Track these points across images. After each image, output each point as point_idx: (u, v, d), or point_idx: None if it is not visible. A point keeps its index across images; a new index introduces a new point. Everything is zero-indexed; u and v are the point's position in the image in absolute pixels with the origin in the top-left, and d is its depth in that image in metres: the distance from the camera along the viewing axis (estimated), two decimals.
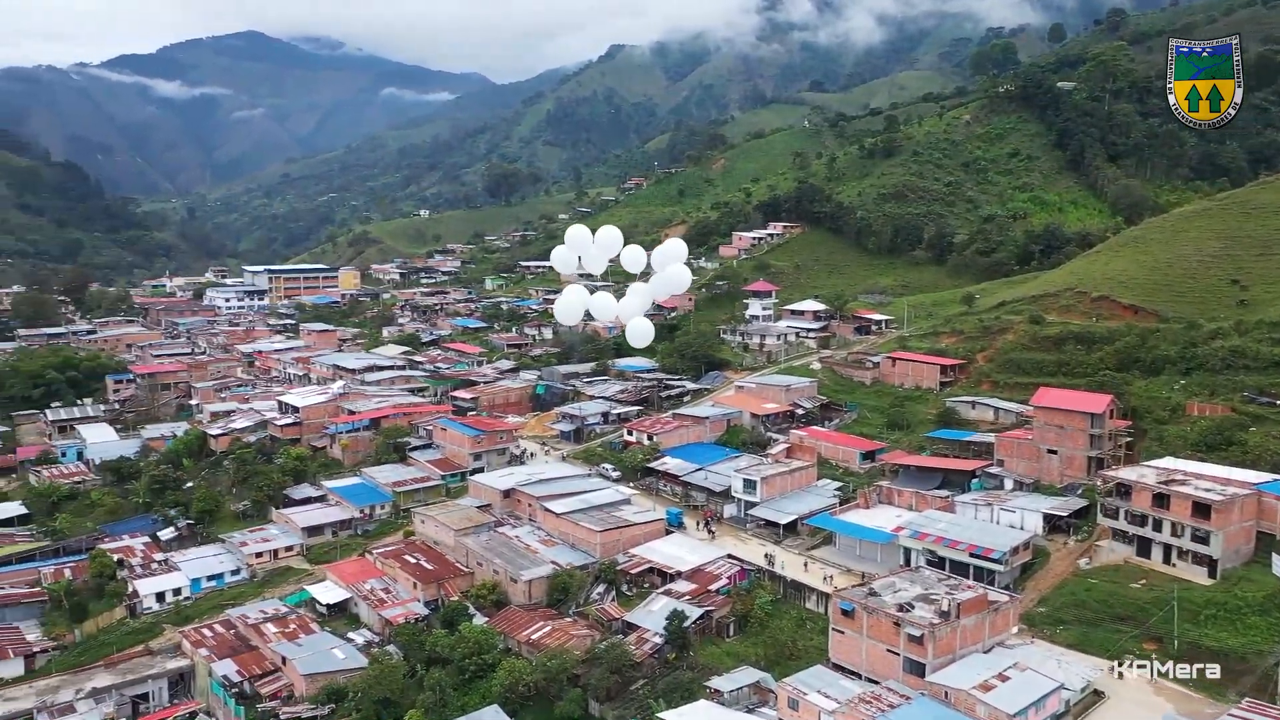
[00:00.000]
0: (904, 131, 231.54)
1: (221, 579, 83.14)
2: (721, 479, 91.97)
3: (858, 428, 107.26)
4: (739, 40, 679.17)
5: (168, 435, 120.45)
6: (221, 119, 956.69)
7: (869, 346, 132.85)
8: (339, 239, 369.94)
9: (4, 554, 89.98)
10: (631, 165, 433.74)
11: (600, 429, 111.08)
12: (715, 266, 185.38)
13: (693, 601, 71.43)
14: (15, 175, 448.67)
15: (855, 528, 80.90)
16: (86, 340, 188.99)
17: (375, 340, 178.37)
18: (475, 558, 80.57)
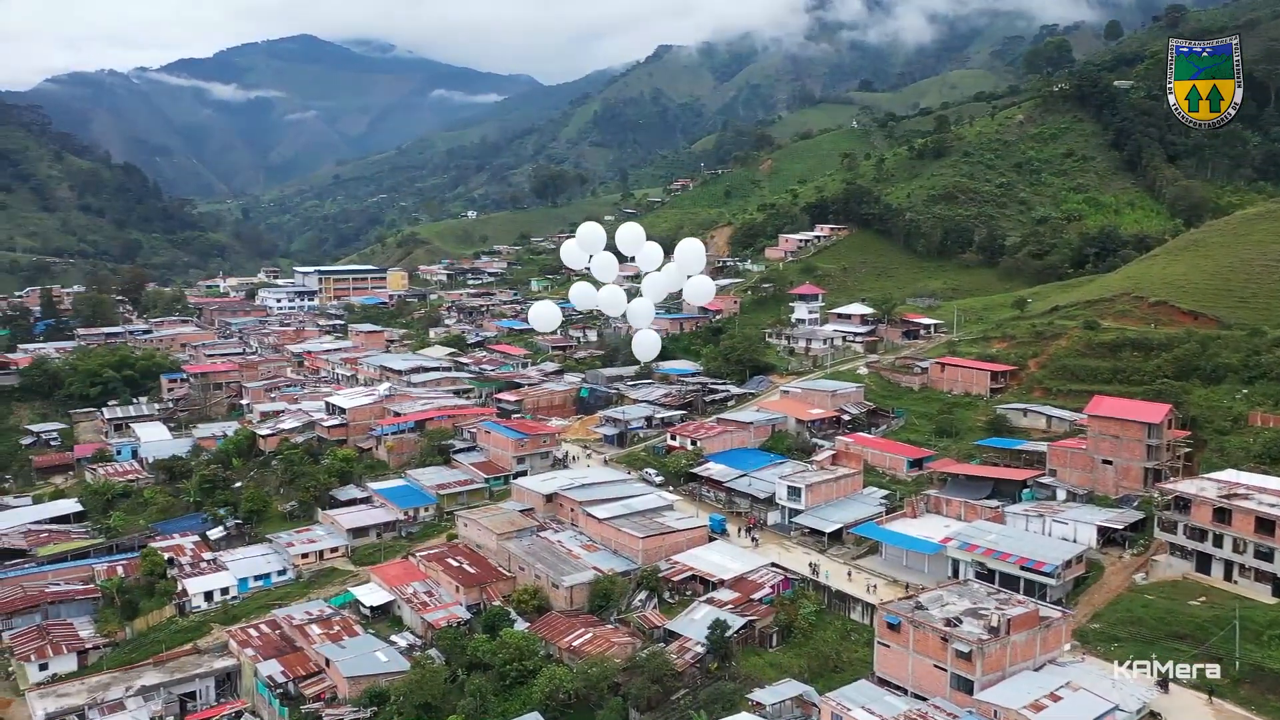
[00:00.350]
0: (955, 132, 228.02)
1: (268, 579, 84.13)
2: (765, 485, 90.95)
3: (905, 434, 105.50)
4: (787, 40, 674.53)
5: (218, 435, 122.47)
6: (275, 121, 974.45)
7: (917, 351, 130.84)
8: (388, 240, 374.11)
9: (60, 551, 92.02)
10: (678, 166, 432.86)
11: (644, 433, 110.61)
12: (761, 269, 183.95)
13: (735, 610, 70.68)
14: (77, 177, 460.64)
15: (902, 537, 79.46)
16: (143, 340, 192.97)
17: (422, 341, 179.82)
18: (517, 562, 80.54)
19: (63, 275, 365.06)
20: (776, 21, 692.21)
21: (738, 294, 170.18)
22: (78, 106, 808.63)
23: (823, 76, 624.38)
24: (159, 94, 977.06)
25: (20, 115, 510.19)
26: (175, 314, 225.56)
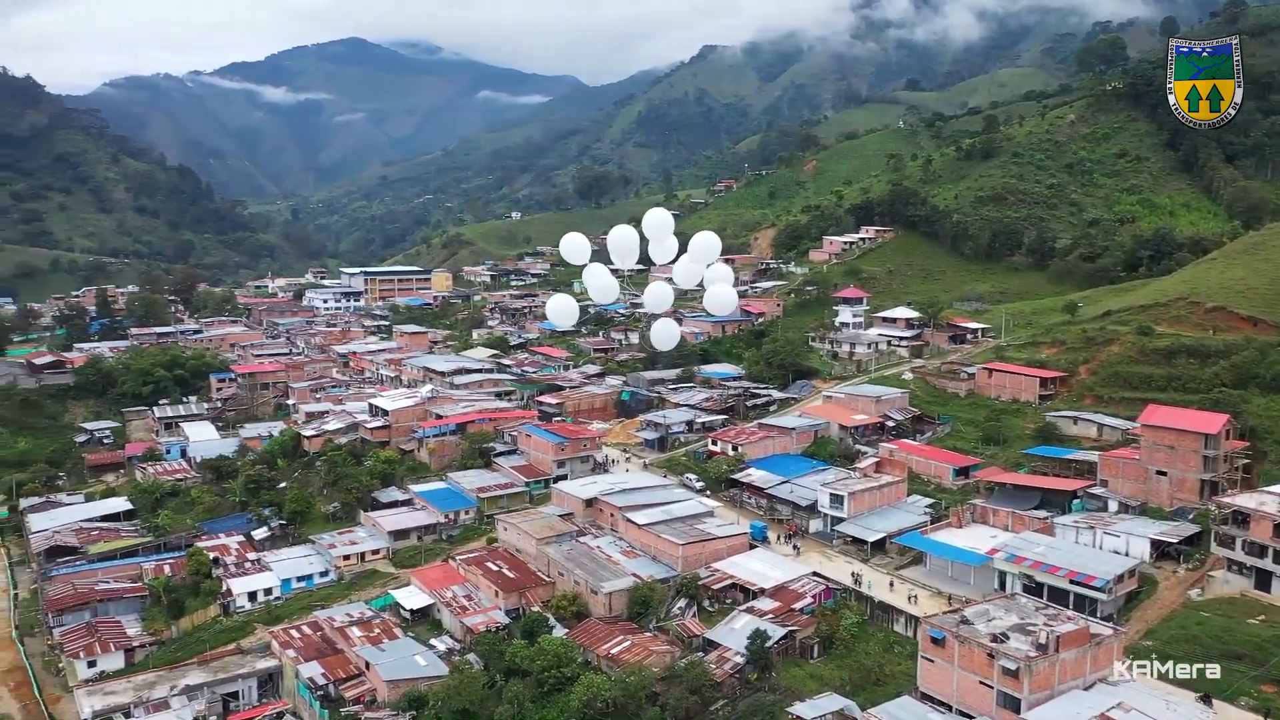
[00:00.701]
0: (1004, 132, 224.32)
1: (311, 580, 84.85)
2: (807, 493, 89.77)
3: (951, 442, 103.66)
4: (833, 39, 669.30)
5: (264, 435, 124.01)
6: (325, 123, 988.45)
7: (964, 356, 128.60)
8: (433, 240, 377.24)
9: (110, 549, 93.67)
10: (722, 166, 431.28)
11: (684, 438, 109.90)
12: (804, 271, 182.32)
13: (776, 620, 69.70)
14: (133, 179, 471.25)
15: (947, 548, 77.86)
16: (193, 340, 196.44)
17: (465, 343, 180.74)
18: (556, 567, 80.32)
19: (118, 275, 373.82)
20: (822, 20, 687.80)
21: (781, 296, 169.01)
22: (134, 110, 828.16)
23: (869, 76, 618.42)
24: (212, 97, 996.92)
25: (79, 119, 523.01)
26: (225, 314, 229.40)
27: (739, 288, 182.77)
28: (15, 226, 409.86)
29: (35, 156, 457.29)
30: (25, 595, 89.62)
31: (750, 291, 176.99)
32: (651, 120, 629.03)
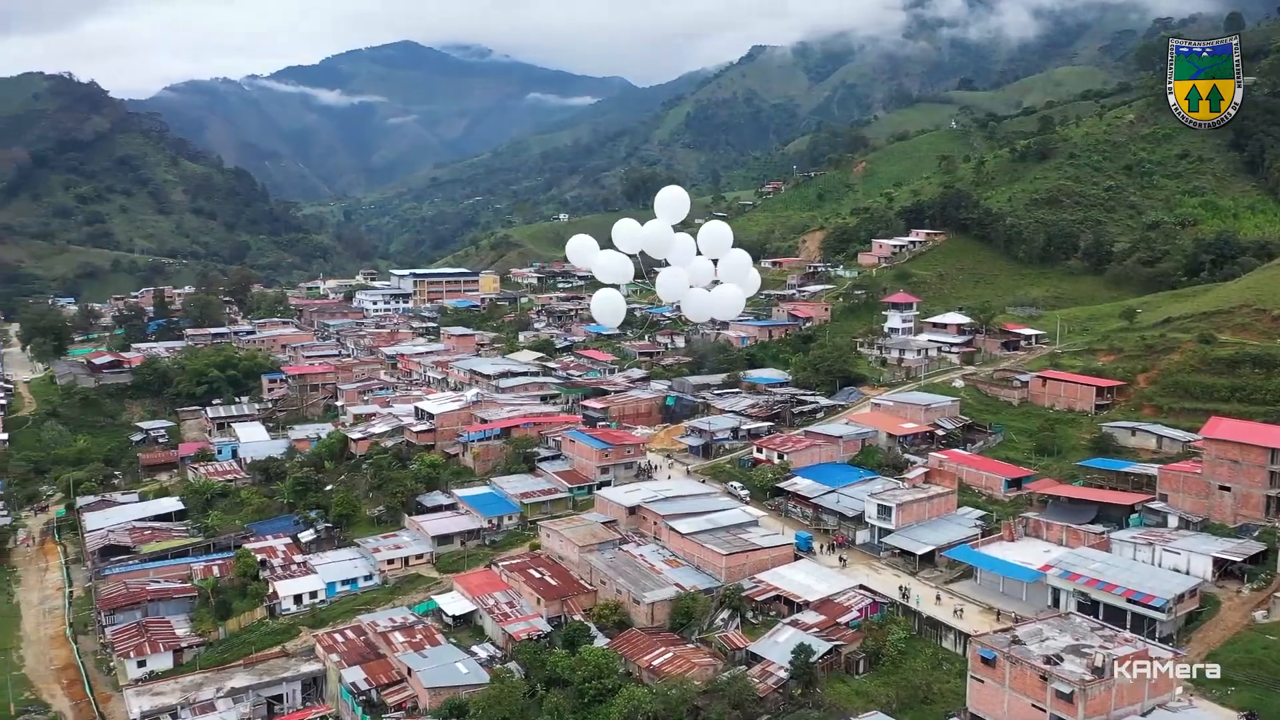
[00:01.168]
0: (1060, 132, 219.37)
1: (355, 584, 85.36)
2: (854, 503, 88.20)
3: (1003, 452, 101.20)
4: (884, 39, 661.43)
5: (312, 437, 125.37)
6: (377, 125, 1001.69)
7: (1017, 363, 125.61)
8: (481, 242, 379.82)
9: (161, 549, 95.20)
10: (770, 168, 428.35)
11: (729, 444, 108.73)
12: (853, 275, 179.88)
13: (820, 634, 68.42)
14: (191, 181, 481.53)
15: (998, 562, 75.84)
16: (246, 340, 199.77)
17: (511, 345, 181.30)
18: (599, 576, 79.81)
19: (176, 276, 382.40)
20: (873, 20, 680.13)
21: (829, 301, 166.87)
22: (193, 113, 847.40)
23: (920, 75, 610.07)
24: (268, 100, 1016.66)
25: (141, 123, 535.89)
26: (277, 315, 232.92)
27: (786, 291, 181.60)
28: (79, 228, 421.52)
29: (98, 160, 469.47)
30: (80, 594, 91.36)
31: (798, 295, 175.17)
32: (700, 121, 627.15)
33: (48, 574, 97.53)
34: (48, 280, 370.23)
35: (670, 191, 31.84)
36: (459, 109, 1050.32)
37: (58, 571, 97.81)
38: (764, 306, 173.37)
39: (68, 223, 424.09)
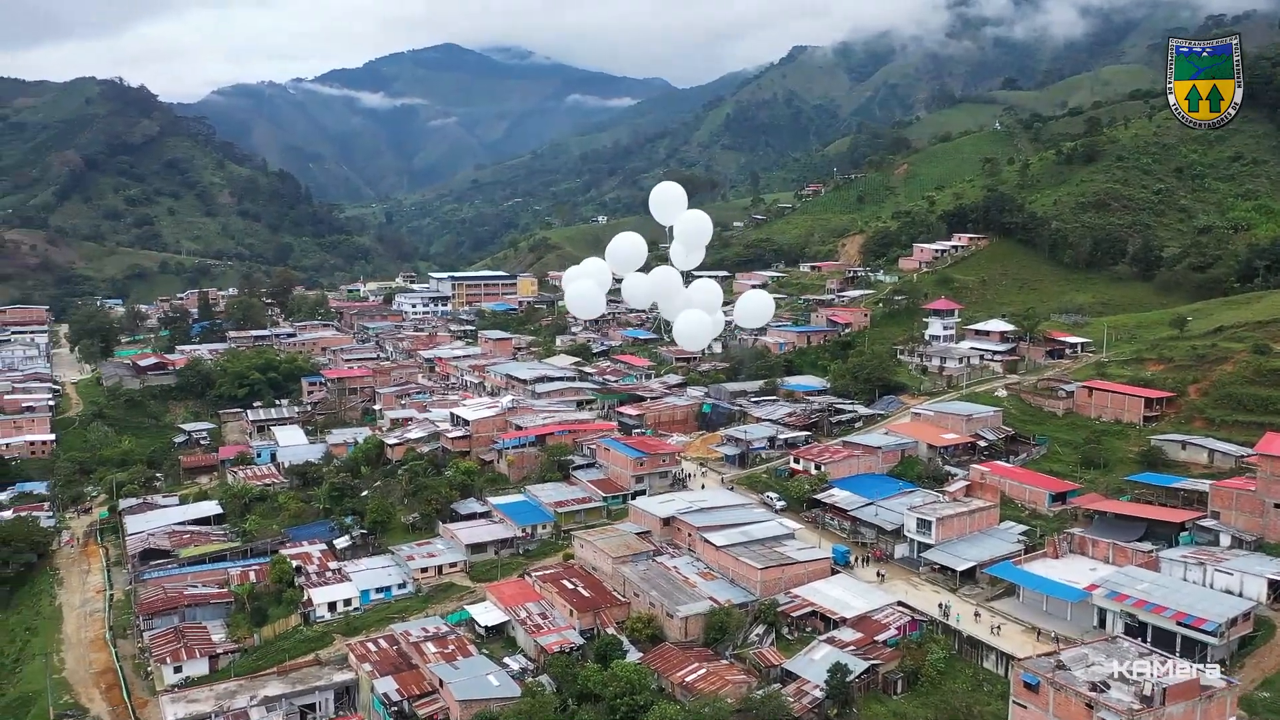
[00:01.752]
0: (1107, 134, 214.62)
1: (389, 592, 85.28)
2: (893, 516, 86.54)
3: (1047, 464, 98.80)
4: (927, 38, 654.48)
5: (349, 441, 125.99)
6: (419, 127, 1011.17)
7: (1062, 372, 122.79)
8: (520, 244, 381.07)
9: (199, 553, 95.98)
10: (810, 169, 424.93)
11: (766, 454, 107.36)
12: (894, 280, 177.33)
13: (857, 652, 67.02)
14: (237, 184, 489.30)
15: (1042, 581, 73.74)
16: (287, 343, 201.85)
17: (548, 349, 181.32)
18: (632, 588, 78.98)
19: (221, 276, 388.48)
20: (916, 19, 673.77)
21: (868, 306, 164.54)
22: (240, 116, 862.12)
23: (964, 75, 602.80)
24: (313, 103, 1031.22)
25: (189, 127, 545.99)
26: (318, 318, 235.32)
27: (825, 296, 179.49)
28: (128, 230, 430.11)
29: (147, 163, 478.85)
30: (120, 597, 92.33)
31: (836, 301, 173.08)
32: (740, 122, 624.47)
33: (89, 576, 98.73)
34: (98, 281, 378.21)
35: (694, 216, 29.02)
36: (499, 111, 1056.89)
37: (99, 574, 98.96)
38: (802, 312, 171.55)
39: (118, 224, 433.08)
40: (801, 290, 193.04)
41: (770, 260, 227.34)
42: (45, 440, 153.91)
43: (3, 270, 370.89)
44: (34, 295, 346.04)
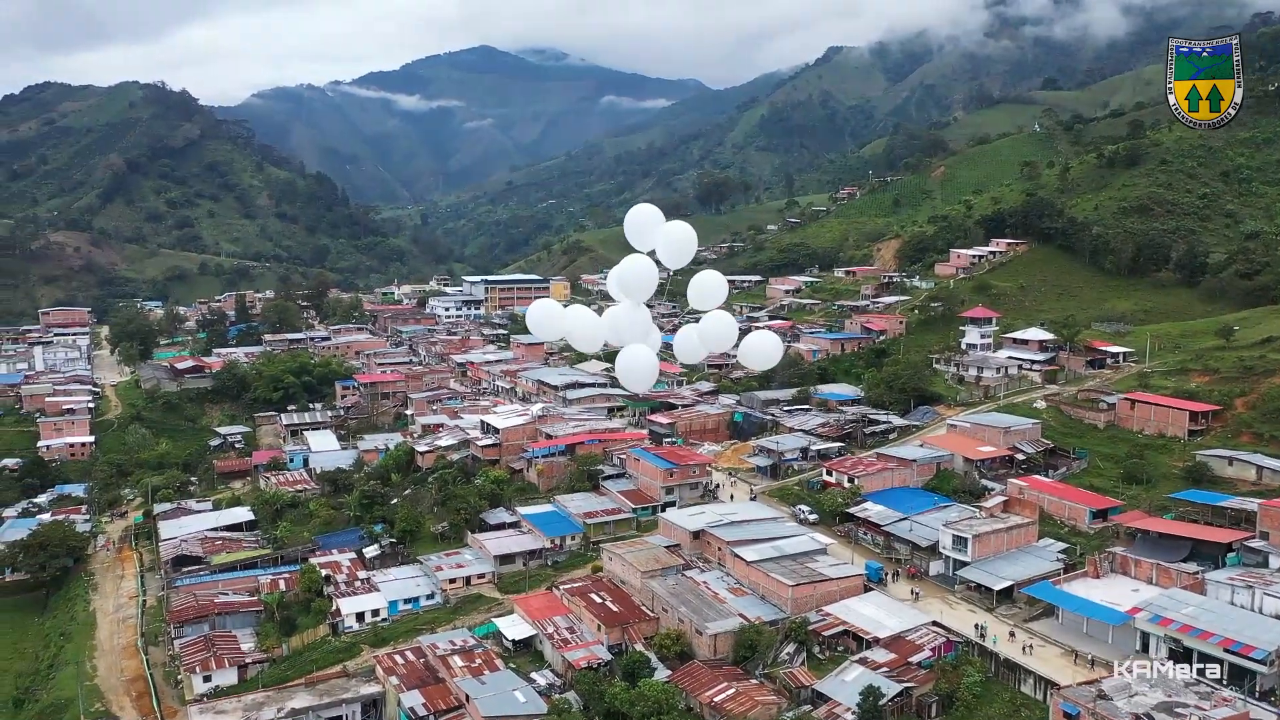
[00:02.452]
0: (1150, 136, 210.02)
1: (417, 602, 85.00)
2: (928, 532, 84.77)
3: (1087, 479, 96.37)
4: (964, 38, 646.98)
5: (380, 447, 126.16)
6: (455, 129, 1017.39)
7: (1103, 383, 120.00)
8: (553, 247, 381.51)
9: (231, 560, 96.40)
10: (845, 171, 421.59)
11: (798, 465, 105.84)
12: (930, 286, 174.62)
13: (890, 674, 65.54)
14: (275, 186, 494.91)
15: (1082, 602, 71.69)
16: (321, 346, 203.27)
17: (580, 355, 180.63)
18: (661, 603, 77.98)
19: (259, 278, 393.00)
20: (953, 19, 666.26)
21: (904, 313, 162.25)
22: (279, 119, 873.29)
23: (1002, 75, 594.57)
24: (350, 105, 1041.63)
25: (229, 130, 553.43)
26: (352, 321, 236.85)
27: (860, 302, 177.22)
28: (170, 232, 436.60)
29: (188, 166, 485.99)
30: (152, 603, 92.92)
31: (871, 307, 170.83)
32: (774, 124, 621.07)
33: (123, 581, 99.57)
34: (139, 282, 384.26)
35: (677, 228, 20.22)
36: (534, 112, 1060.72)
37: (133, 579, 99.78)
38: (836, 319, 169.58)
39: (159, 226, 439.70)
40: (835, 295, 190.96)
41: (804, 264, 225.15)
42: (84, 442, 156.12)
43: (49, 272, 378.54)
44: (78, 296, 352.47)
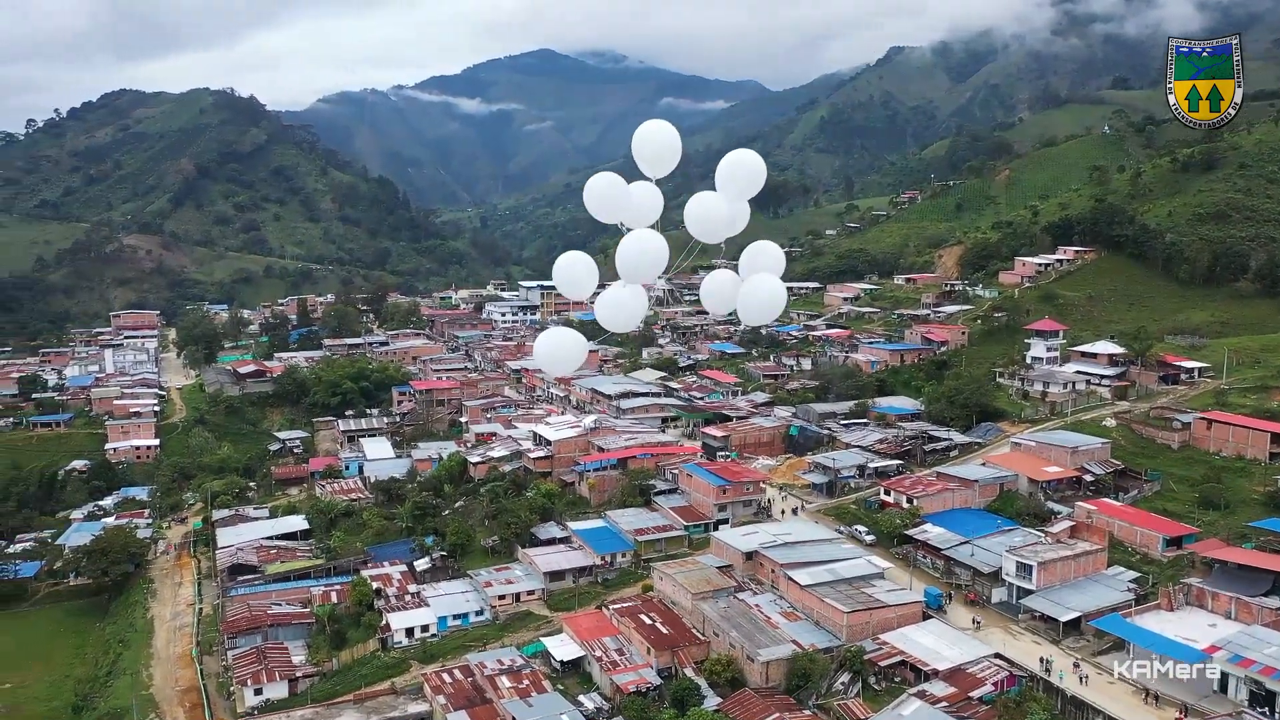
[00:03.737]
0: (1228, 139, 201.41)
1: (466, 618, 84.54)
2: (990, 557, 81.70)
3: (1160, 503, 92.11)
4: (1030, 36, 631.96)
5: (434, 457, 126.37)
6: (514, 132, 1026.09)
7: (1176, 400, 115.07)
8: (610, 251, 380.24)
9: (285, 569, 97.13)
10: (906, 173, 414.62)
11: (855, 483, 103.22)
12: (993, 295, 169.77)
13: (950, 709, 63.02)
14: (339, 190, 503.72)
15: (1155, 638, 68.20)
16: (380, 351, 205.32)
17: (634, 363, 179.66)
18: (712, 626, 76.30)
19: (322, 281, 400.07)
20: (1019, 16, 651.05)
21: (966, 323, 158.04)
22: (344, 123, 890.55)
23: (1070, 74, 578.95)
24: (413, 109, 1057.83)
25: (294, 135, 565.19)
26: (410, 326, 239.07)
27: (921, 311, 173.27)
28: (237, 235, 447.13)
29: (255, 170, 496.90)
30: (209, 611, 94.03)
31: (933, 316, 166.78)
32: (834, 125, 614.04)
33: (181, 588, 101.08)
34: (207, 285, 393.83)
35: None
36: (593, 114, 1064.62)
37: (190, 586, 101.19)
38: (896, 328, 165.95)
39: (226, 230, 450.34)
40: (895, 304, 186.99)
41: (863, 271, 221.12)
42: (150, 445, 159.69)
43: (122, 274, 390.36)
44: (149, 298, 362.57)
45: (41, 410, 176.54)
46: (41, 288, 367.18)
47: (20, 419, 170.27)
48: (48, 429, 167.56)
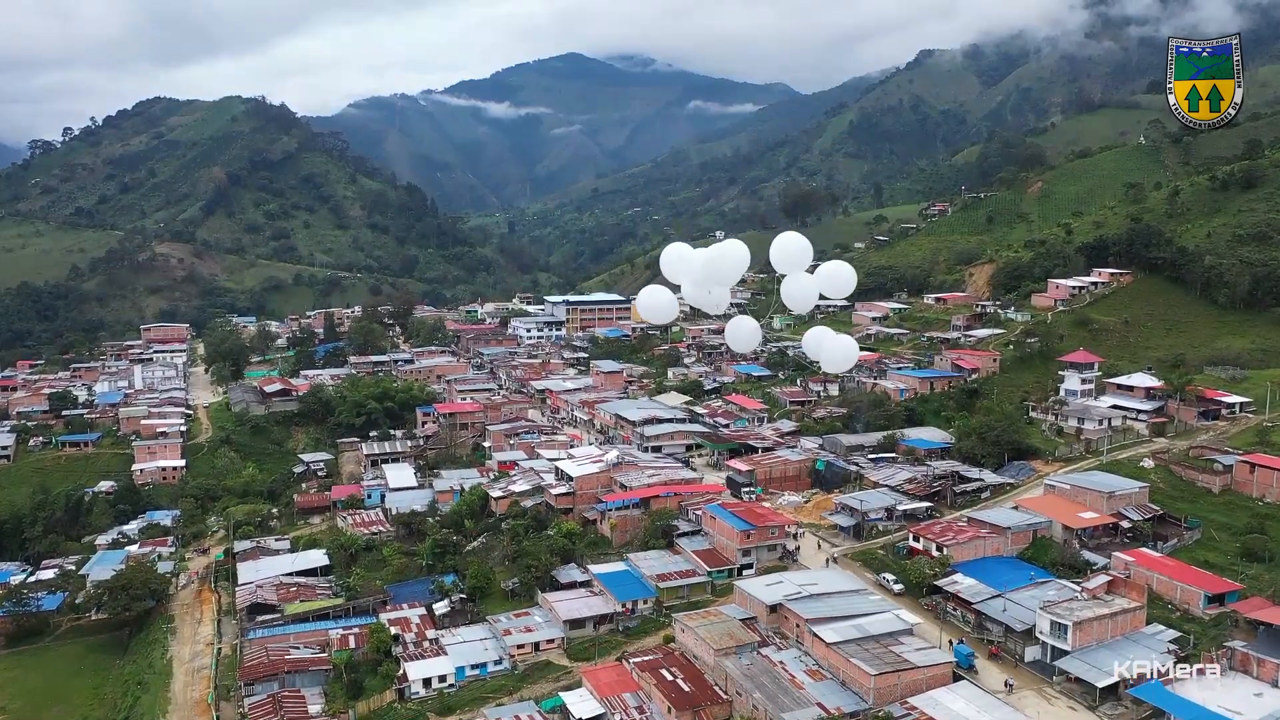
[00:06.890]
0: (1269, 156, 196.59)
1: (484, 668, 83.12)
2: (1024, 613, 79.10)
3: (1201, 553, 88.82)
4: (1063, 39, 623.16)
5: (455, 488, 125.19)
6: (542, 135, 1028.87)
7: (1217, 437, 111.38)
8: (636, 260, 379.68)
9: (304, 610, 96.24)
10: (936, 179, 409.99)
11: (883, 525, 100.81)
12: (1026, 319, 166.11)
13: None
14: (367, 197, 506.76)
15: (1196, 710, 65.42)
16: (405, 370, 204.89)
17: (659, 385, 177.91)
18: (735, 685, 74.39)
19: (351, 289, 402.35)
20: (1052, 19, 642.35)
21: (998, 348, 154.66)
22: (374, 127, 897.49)
23: (1104, 78, 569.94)
24: (441, 113, 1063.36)
25: (324, 142, 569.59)
26: (435, 341, 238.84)
27: (950, 334, 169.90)
28: (267, 243, 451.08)
29: (285, 178, 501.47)
30: (227, 651, 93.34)
31: (963, 340, 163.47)
32: (863, 129, 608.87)
33: (201, 626, 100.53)
34: (238, 293, 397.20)
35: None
36: (621, 118, 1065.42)
37: (210, 624, 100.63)
38: (925, 352, 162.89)
39: (257, 237, 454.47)
40: (925, 325, 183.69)
41: (891, 289, 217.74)
42: (176, 466, 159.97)
43: (154, 282, 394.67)
44: (180, 307, 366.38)
45: (70, 429, 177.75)
46: (76, 296, 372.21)
47: (50, 439, 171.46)
48: (76, 449, 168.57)
